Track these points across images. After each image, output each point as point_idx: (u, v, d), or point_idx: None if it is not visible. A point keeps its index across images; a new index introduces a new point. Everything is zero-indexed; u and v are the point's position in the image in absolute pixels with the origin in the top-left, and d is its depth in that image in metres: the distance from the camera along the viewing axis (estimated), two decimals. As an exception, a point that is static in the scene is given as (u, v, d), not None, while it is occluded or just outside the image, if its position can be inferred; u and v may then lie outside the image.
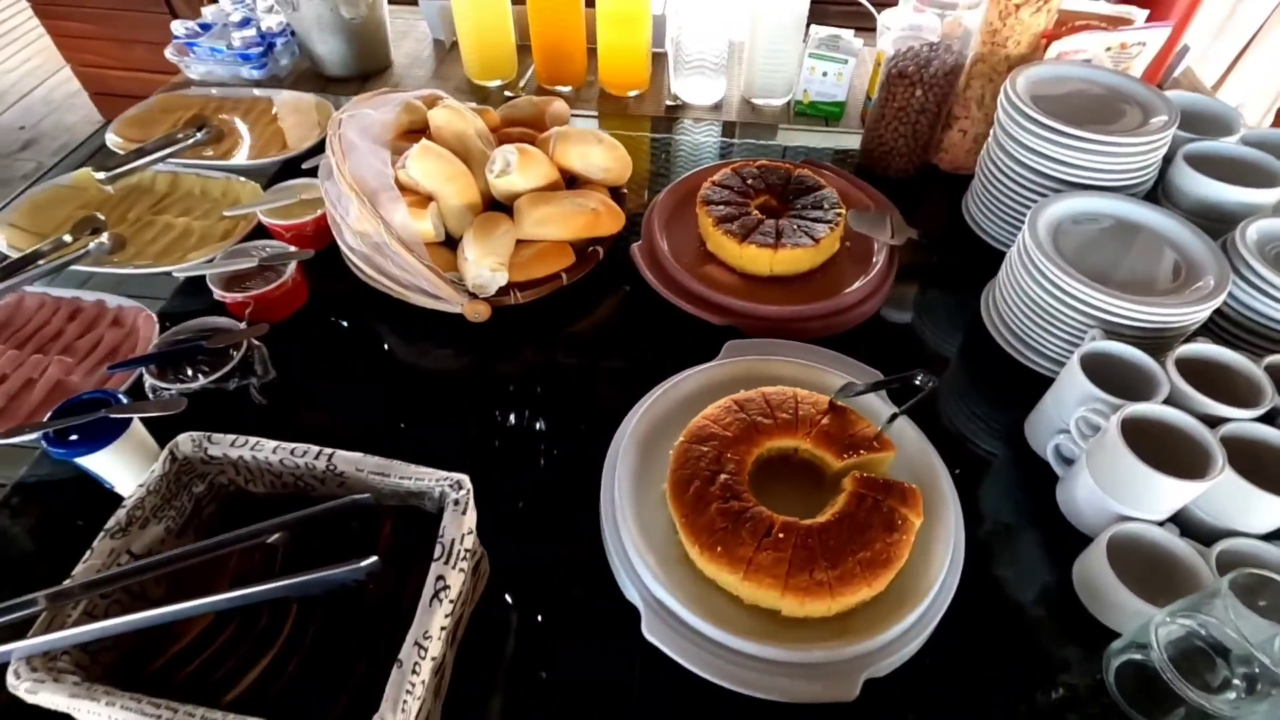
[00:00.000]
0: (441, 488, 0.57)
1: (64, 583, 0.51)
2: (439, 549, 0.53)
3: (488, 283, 0.85)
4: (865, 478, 0.65)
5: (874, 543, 0.61)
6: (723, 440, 0.67)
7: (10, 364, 0.81)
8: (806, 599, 0.59)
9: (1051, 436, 0.72)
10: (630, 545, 0.64)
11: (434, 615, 0.50)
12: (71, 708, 0.46)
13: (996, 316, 0.86)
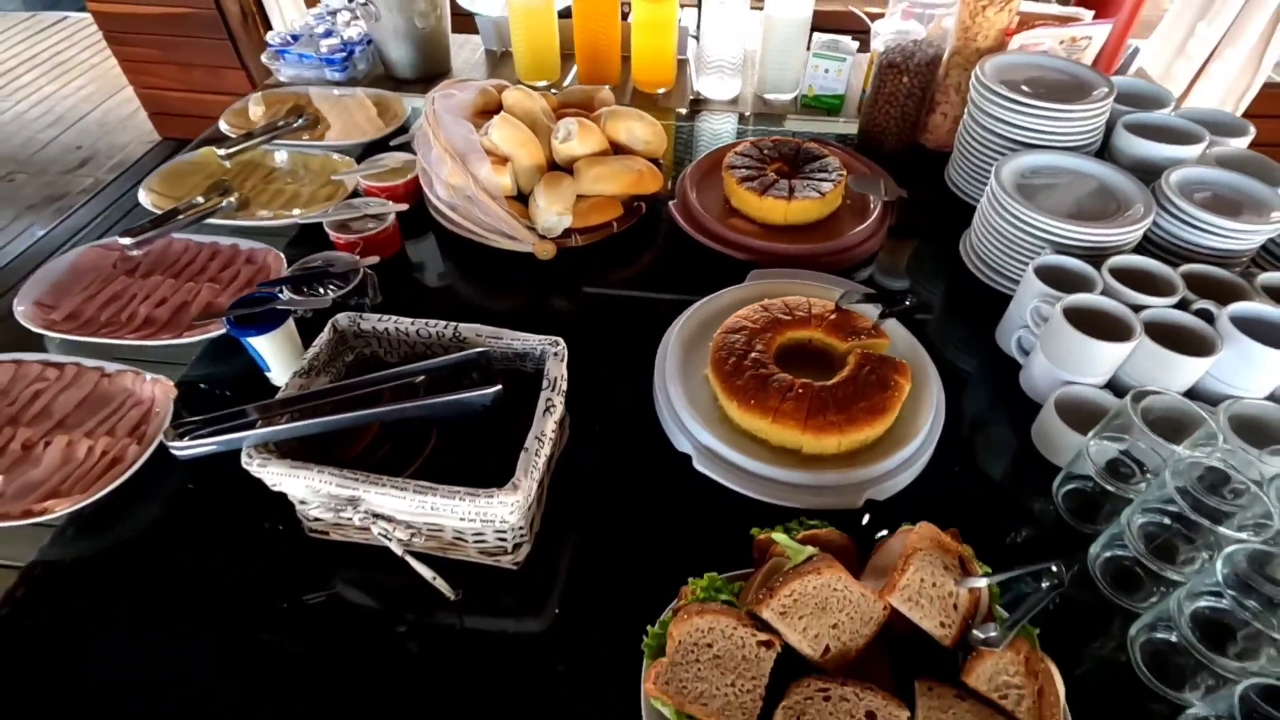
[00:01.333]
0: (542, 346, 0.75)
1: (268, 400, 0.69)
2: (545, 382, 0.71)
3: (554, 225, 1.04)
4: (865, 353, 0.82)
5: (872, 396, 0.78)
6: (752, 330, 0.85)
7: (169, 290, 1.00)
8: (821, 435, 0.76)
9: (1014, 333, 0.90)
10: (680, 408, 0.82)
11: (546, 421, 0.67)
12: (289, 476, 0.63)
13: (971, 251, 1.04)
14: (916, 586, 0.60)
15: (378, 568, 0.72)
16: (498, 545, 0.70)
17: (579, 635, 0.68)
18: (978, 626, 0.60)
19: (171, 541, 0.76)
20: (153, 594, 0.71)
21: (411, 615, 0.69)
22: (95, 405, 0.85)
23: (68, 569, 0.73)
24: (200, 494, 0.80)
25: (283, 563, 0.73)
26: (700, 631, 0.58)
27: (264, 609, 0.70)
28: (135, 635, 0.68)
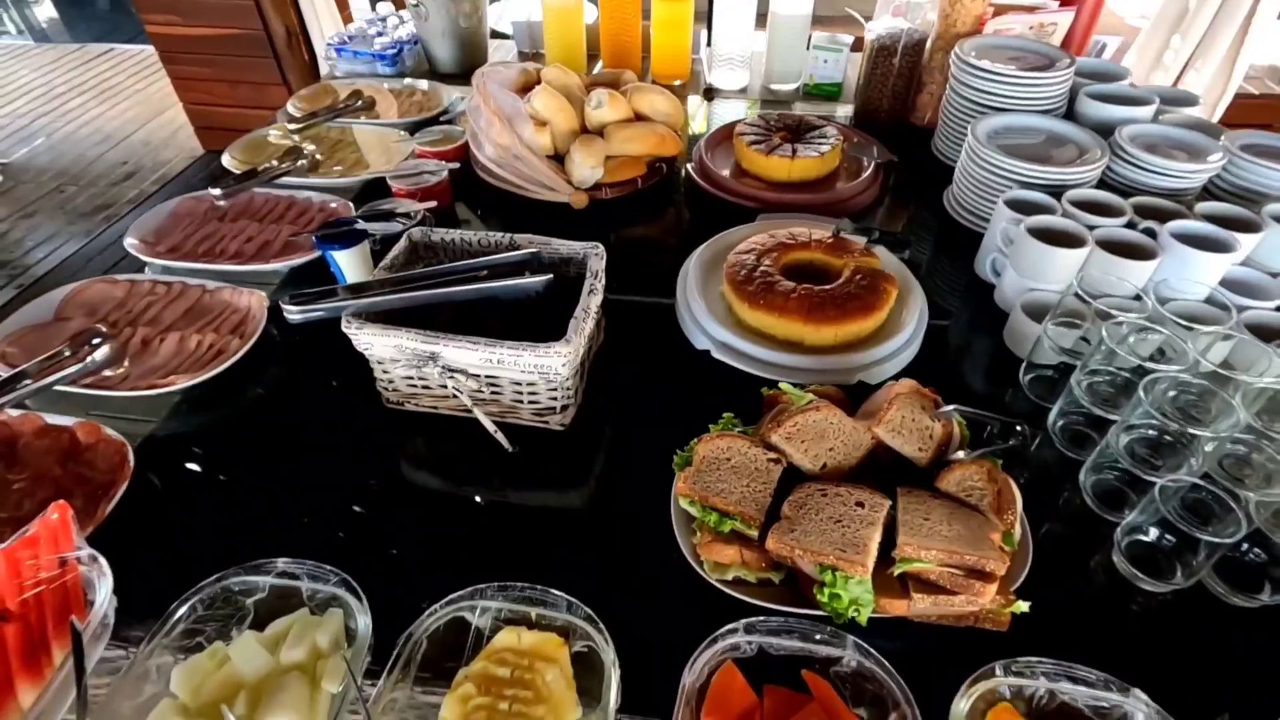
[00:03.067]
0: (585, 250, 0.89)
1: (358, 282, 0.83)
2: (589, 273, 0.85)
3: (587, 178, 1.19)
4: (859, 265, 0.96)
5: (864, 297, 0.92)
6: (760, 251, 1.00)
7: (255, 230, 1.15)
8: (820, 327, 0.90)
9: (988, 258, 1.04)
10: (699, 313, 0.96)
11: (591, 299, 0.81)
12: (381, 336, 0.77)
13: (952, 200, 1.19)
14: (898, 421, 0.73)
15: (447, 432, 0.85)
16: (548, 405, 0.83)
17: (618, 476, 0.81)
18: (950, 453, 0.73)
19: (270, 414, 0.90)
20: (254, 455, 0.85)
21: (475, 468, 0.82)
22: (199, 314, 1.00)
23: (183, 437, 0.87)
24: (294, 376, 0.94)
25: (366, 430, 0.87)
26: (720, 449, 0.71)
27: (351, 467, 0.83)
28: (239, 490, 0.81)
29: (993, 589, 0.60)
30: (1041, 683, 0.56)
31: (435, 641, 0.62)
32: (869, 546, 0.62)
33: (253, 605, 0.64)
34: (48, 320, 0.99)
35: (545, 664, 0.60)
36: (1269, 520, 0.64)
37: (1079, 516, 0.77)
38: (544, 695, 0.58)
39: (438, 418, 0.86)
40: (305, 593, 0.64)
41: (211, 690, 0.58)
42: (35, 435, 0.82)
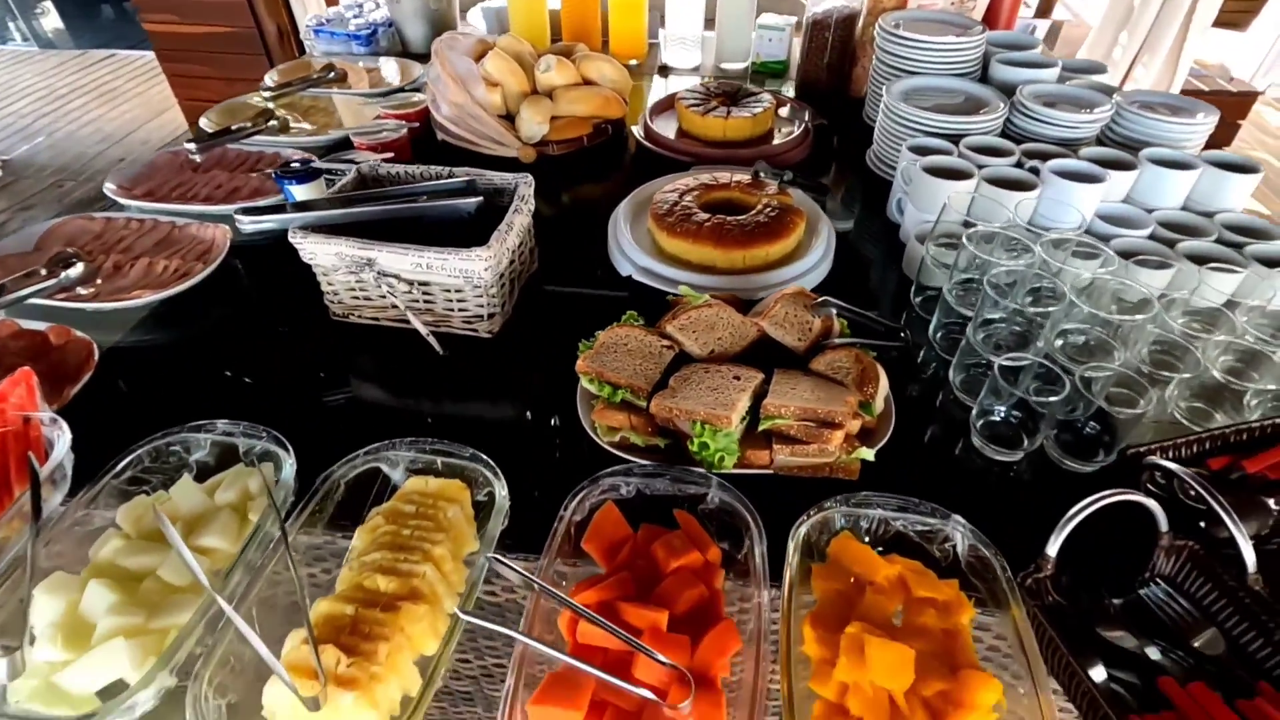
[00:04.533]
0: (517, 180, 0.98)
1: (307, 200, 0.92)
2: (518, 194, 0.94)
3: (534, 133, 1.29)
4: (769, 200, 1.05)
5: (771, 226, 1.01)
6: (683, 190, 1.09)
7: (226, 178, 1.24)
8: (730, 251, 0.99)
9: (895, 197, 1.13)
10: (625, 243, 1.05)
11: (516, 217, 0.90)
12: (322, 245, 0.86)
13: (873, 155, 1.28)
14: (781, 315, 0.81)
15: (387, 341, 0.94)
16: (476, 313, 0.91)
17: (535, 375, 0.90)
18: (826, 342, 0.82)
19: (227, 328, 0.98)
20: (210, 359, 0.93)
21: (409, 370, 0.91)
22: (168, 244, 1.09)
23: (147, 345, 0.95)
24: (251, 298, 1.03)
25: (313, 339, 0.96)
26: (620, 336, 0.80)
27: (297, 368, 0.91)
28: (194, 385, 0.90)
29: (839, 436, 0.68)
30: (876, 512, 0.65)
31: (352, 490, 0.70)
32: (737, 405, 0.70)
33: (195, 463, 0.73)
34: (27, 251, 1.08)
35: (448, 503, 0.68)
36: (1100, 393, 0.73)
37: (950, 410, 0.85)
38: (445, 527, 0.66)
39: (379, 329, 0.95)
40: (242, 449, 0.72)
41: (151, 523, 0.66)
42: (10, 338, 0.91)
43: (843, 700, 0.55)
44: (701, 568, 0.62)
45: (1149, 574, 0.61)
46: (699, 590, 0.60)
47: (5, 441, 0.69)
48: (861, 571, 0.62)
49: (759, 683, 0.52)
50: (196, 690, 0.52)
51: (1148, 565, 0.62)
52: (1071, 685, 0.54)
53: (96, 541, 0.65)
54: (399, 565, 0.62)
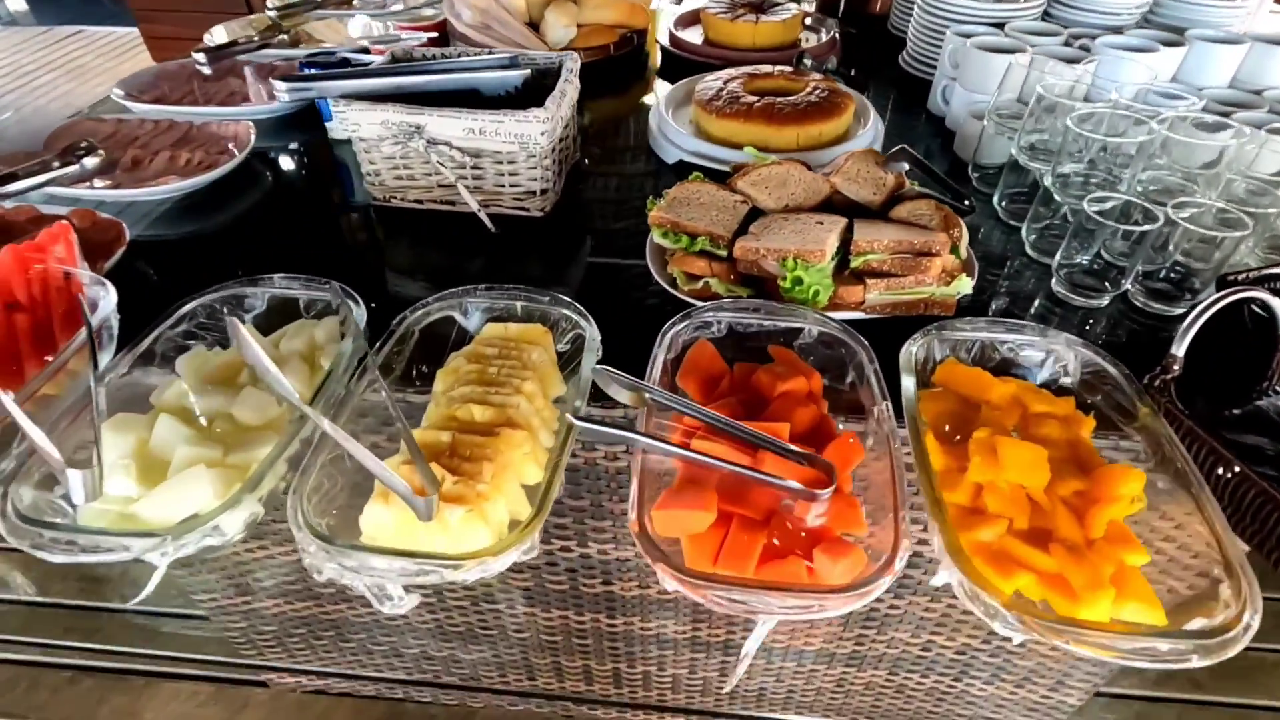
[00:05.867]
0: (561, 59, 0.94)
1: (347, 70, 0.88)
2: (565, 68, 0.90)
3: (561, 38, 1.25)
4: (817, 85, 1.03)
5: (823, 105, 0.98)
6: (727, 79, 1.06)
7: (239, 85, 1.19)
8: (783, 129, 0.96)
9: (939, 86, 1.11)
10: (671, 130, 1.01)
11: (568, 86, 0.86)
12: (368, 112, 0.82)
13: (908, 56, 1.26)
14: (853, 172, 0.79)
15: (433, 224, 0.90)
16: (529, 189, 0.87)
17: (594, 253, 0.86)
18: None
19: (262, 219, 0.93)
20: (247, 247, 0.88)
21: (459, 253, 0.87)
22: (188, 141, 1.03)
23: (176, 236, 0.90)
24: (279, 190, 0.98)
25: (356, 227, 0.91)
26: (691, 191, 0.77)
27: (341, 254, 0.87)
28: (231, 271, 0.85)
29: (938, 265, 0.66)
30: (981, 335, 0.62)
31: (426, 340, 0.66)
32: (828, 241, 0.67)
33: (251, 321, 0.68)
34: (36, 150, 1.01)
35: (531, 345, 0.64)
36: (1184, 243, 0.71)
37: (1024, 271, 0.83)
38: (530, 367, 0.62)
39: (422, 214, 0.91)
40: (303, 304, 0.68)
41: (213, 372, 0.62)
42: (29, 222, 0.85)
43: (977, 503, 0.52)
44: (807, 395, 0.60)
45: (1268, 383, 0.60)
46: (811, 410, 0.57)
47: (48, 295, 0.64)
48: (973, 392, 0.60)
49: (897, 483, 0.49)
50: (296, 504, 0.48)
51: (1266, 375, 0.60)
52: (1212, 476, 0.52)
53: (156, 390, 0.60)
54: (490, 397, 0.58)
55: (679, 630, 0.94)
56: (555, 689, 1.17)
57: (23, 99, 4.12)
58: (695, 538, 0.50)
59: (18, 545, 0.46)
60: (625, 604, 0.90)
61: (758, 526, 0.50)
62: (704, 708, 1.15)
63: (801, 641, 0.92)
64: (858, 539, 0.49)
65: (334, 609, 1.01)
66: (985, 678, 0.94)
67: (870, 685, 1.00)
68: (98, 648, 1.33)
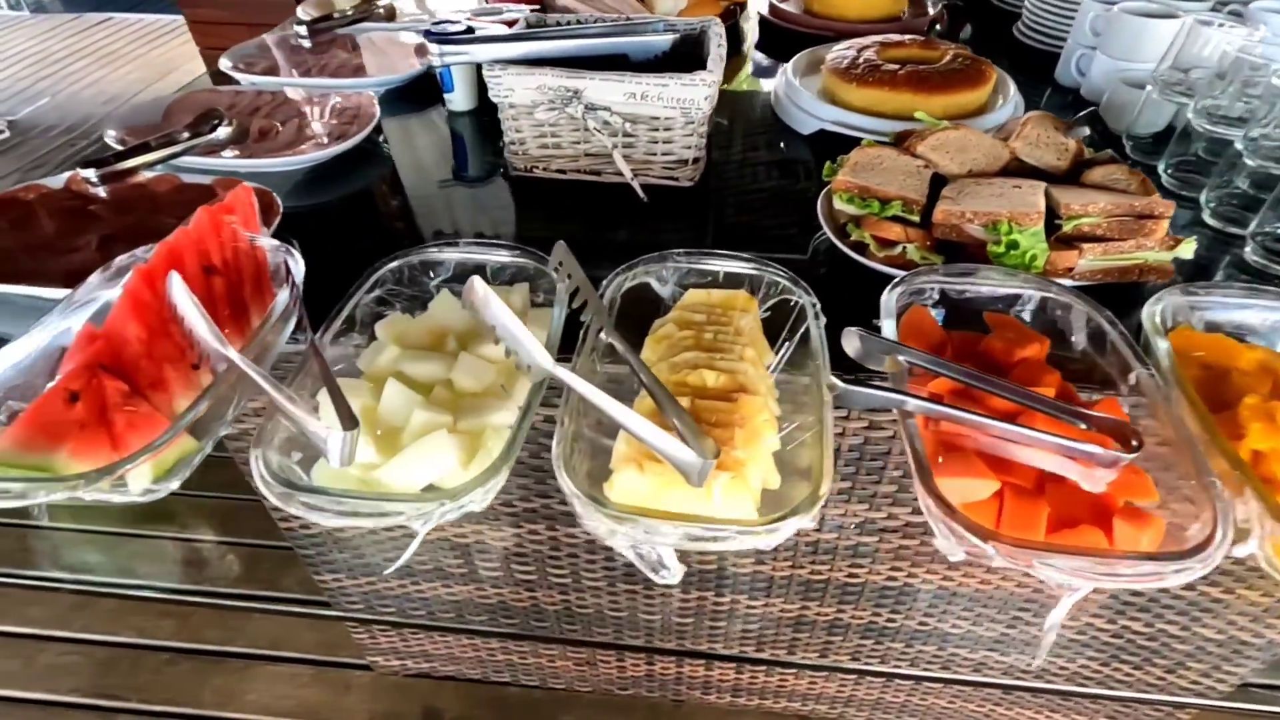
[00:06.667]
0: (704, 25, 0.91)
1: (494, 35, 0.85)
2: (712, 32, 0.87)
3: (670, 9, 1.22)
4: (957, 53, 0.99)
5: (968, 72, 0.95)
6: (860, 47, 1.03)
7: (347, 56, 1.16)
8: (931, 97, 0.93)
9: (1073, 57, 1.08)
10: (806, 101, 0.98)
11: (721, 50, 0.84)
12: (524, 76, 0.79)
13: (1024, 27, 1.23)
14: (1034, 137, 0.76)
15: (576, 194, 0.87)
16: (680, 157, 0.85)
17: (748, 222, 0.84)
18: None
19: (398, 188, 0.91)
20: (387, 218, 0.86)
21: (605, 224, 0.84)
22: (317, 114, 1.01)
23: (316, 209, 0.88)
24: (410, 160, 0.96)
25: (498, 196, 0.89)
26: (872, 156, 0.74)
27: (493, 227, 0.85)
28: (379, 241, 0.83)
29: (1163, 227, 0.63)
30: (1214, 298, 0.59)
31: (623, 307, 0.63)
32: (1037, 203, 0.65)
33: (435, 288, 0.66)
34: (156, 122, 0.99)
35: (739, 312, 0.62)
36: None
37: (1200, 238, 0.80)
38: (743, 332, 0.60)
39: (562, 184, 0.88)
40: (491, 269, 0.66)
41: (416, 337, 0.60)
42: (173, 191, 0.83)
43: (1261, 470, 0.50)
44: (1043, 361, 0.57)
45: None
46: (1055, 376, 0.55)
47: (238, 260, 0.62)
48: (1217, 359, 0.57)
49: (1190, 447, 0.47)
50: (566, 470, 0.46)
51: None
52: None
53: (364, 355, 0.58)
54: (717, 363, 0.56)
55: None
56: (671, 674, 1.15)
57: (56, 85, 4.11)
58: (968, 507, 0.47)
59: (283, 506, 0.44)
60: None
61: (1032, 494, 0.48)
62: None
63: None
64: (1148, 507, 0.46)
65: (461, 589, 1.00)
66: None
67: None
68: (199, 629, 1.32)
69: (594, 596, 0.97)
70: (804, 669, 1.08)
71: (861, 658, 1.03)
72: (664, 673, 1.13)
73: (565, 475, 0.46)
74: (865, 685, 1.10)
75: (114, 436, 0.49)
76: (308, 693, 1.25)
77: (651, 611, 0.98)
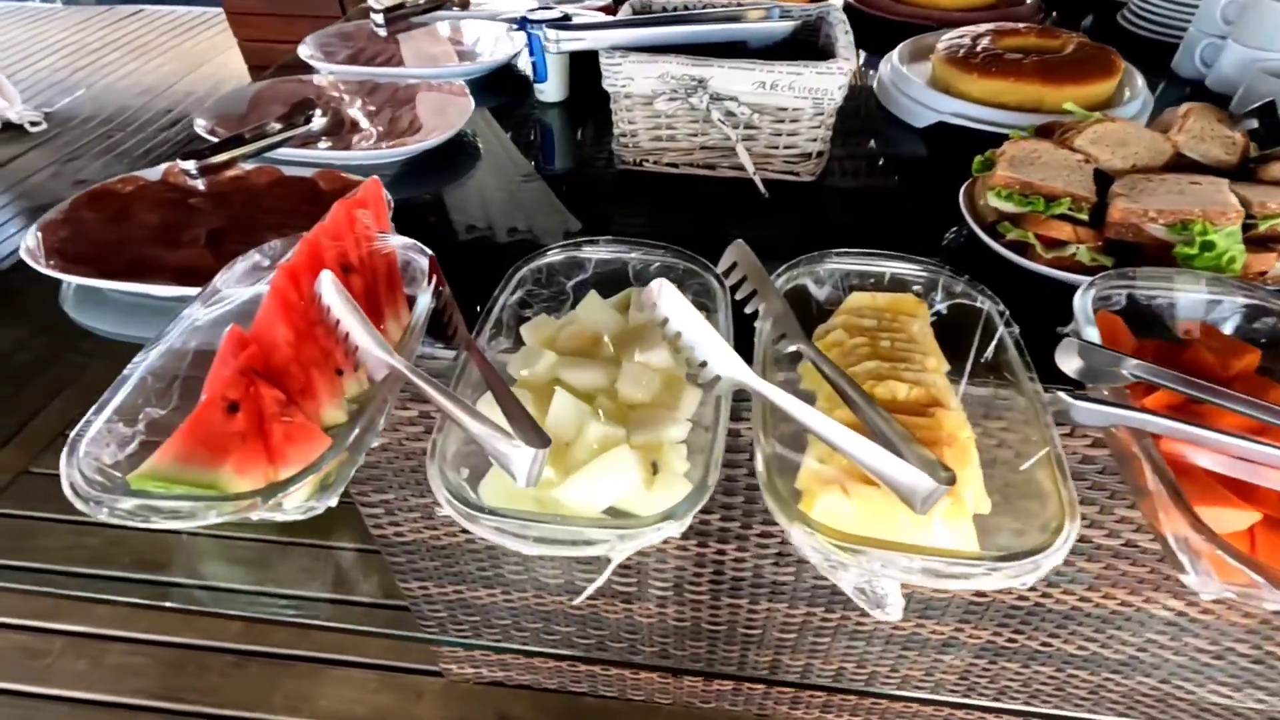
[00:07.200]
0: (820, 11, 0.87)
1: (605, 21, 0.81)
2: (832, 19, 0.82)
3: None
4: (1080, 41, 0.94)
5: (1098, 62, 0.90)
6: (975, 36, 0.97)
7: (429, 43, 1.12)
8: (1061, 87, 0.87)
9: (1197, 48, 1.02)
10: (917, 92, 0.93)
11: (848, 36, 0.79)
12: (646, 65, 0.75)
13: (1132, 14, 1.17)
14: (1197, 131, 0.70)
15: (688, 188, 0.83)
16: (804, 151, 0.80)
17: (879, 222, 0.79)
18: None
19: (498, 179, 0.87)
20: (495, 211, 0.82)
21: (720, 219, 0.80)
22: (400, 103, 0.97)
23: (420, 199, 0.84)
24: (507, 152, 0.92)
25: (606, 191, 0.85)
26: (1028, 149, 0.69)
27: (593, 215, 0.80)
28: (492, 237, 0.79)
29: (1376, 228, 0.58)
30: None
31: (778, 310, 0.59)
32: (1231, 201, 0.60)
33: (572, 289, 0.62)
34: (242, 113, 0.96)
35: (908, 317, 0.57)
36: None
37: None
38: (916, 339, 0.55)
39: (673, 178, 0.84)
40: (634, 268, 0.61)
41: (568, 342, 0.56)
42: (273, 184, 0.79)
43: None
44: (1260, 375, 0.52)
45: None
46: (1276, 391, 0.50)
47: (372, 258, 0.58)
48: None
49: None
50: (780, 496, 0.42)
51: None
52: None
53: (514, 361, 0.54)
54: (902, 373, 0.51)
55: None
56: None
57: (91, 77, 4.11)
58: (1212, 538, 0.43)
59: (469, 527, 0.41)
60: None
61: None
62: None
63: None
64: None
65: (553, 600, 0.96)
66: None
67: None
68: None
69: (694, 611, 0.93)
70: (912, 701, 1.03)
71: (1008, 693, 0.98)
72: (752, 689, 1.09)
73: (774, 501, 0.41)
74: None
75: (270, 449, 0.45)
76: (379, 698, 1.22)
77: (753, 625, 0.94)
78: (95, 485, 0.42)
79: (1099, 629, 0.81)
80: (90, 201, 0.75)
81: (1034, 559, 0.38)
